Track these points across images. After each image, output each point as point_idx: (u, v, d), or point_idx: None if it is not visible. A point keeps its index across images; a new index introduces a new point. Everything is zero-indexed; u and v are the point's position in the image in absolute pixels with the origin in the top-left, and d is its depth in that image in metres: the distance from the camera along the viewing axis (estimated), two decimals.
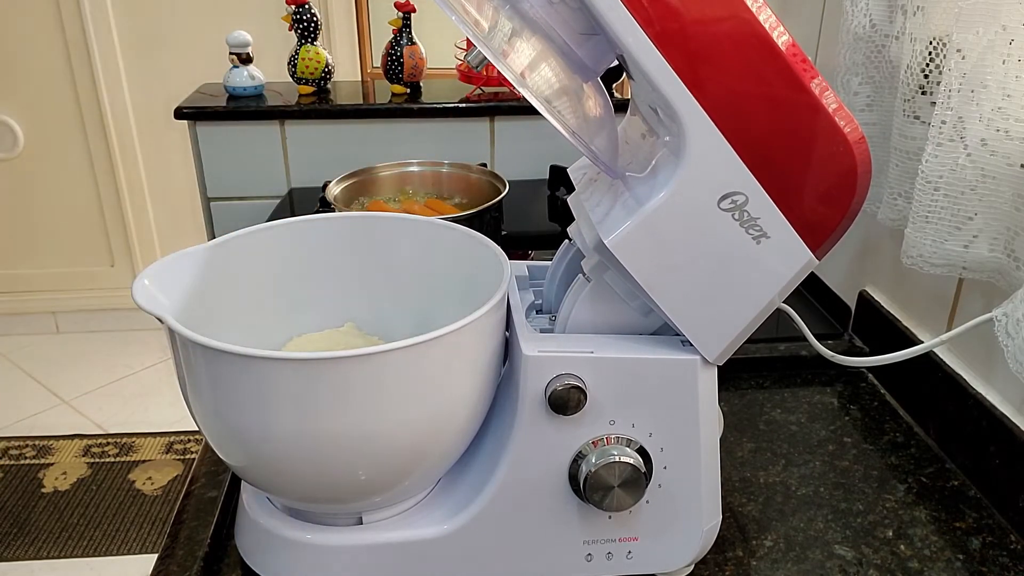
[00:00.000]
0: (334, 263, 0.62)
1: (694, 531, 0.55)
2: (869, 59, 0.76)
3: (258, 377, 0.45)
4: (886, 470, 0.69)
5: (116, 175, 2.46)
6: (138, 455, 2.06)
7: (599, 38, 0.48)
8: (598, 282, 0.52)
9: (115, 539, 1.80)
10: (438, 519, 0.53)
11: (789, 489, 0.66)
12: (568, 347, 0.51)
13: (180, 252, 0.54)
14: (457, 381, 0.49)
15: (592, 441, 0.52)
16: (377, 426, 0.46)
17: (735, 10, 0.43)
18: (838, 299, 0.93)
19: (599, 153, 0.46)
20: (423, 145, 1.43)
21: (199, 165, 1.45)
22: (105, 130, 2.41)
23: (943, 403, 0.72)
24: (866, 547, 0.60)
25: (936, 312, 0.76)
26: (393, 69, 1.45)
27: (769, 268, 0.49)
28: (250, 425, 0.46)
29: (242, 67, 1.44)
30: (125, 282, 2.57)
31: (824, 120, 0.45)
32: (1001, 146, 0.59)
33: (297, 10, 1.41)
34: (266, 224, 0.59)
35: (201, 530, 0.59)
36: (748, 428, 0.74)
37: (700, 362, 0.51)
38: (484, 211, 1.11)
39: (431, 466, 0.52)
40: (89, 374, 2.42)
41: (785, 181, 0.46)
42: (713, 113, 0.44)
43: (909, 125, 0.69)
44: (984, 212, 0.62)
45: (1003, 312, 0.58)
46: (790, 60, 0.43)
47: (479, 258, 0.57)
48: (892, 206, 0.73)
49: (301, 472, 0.48)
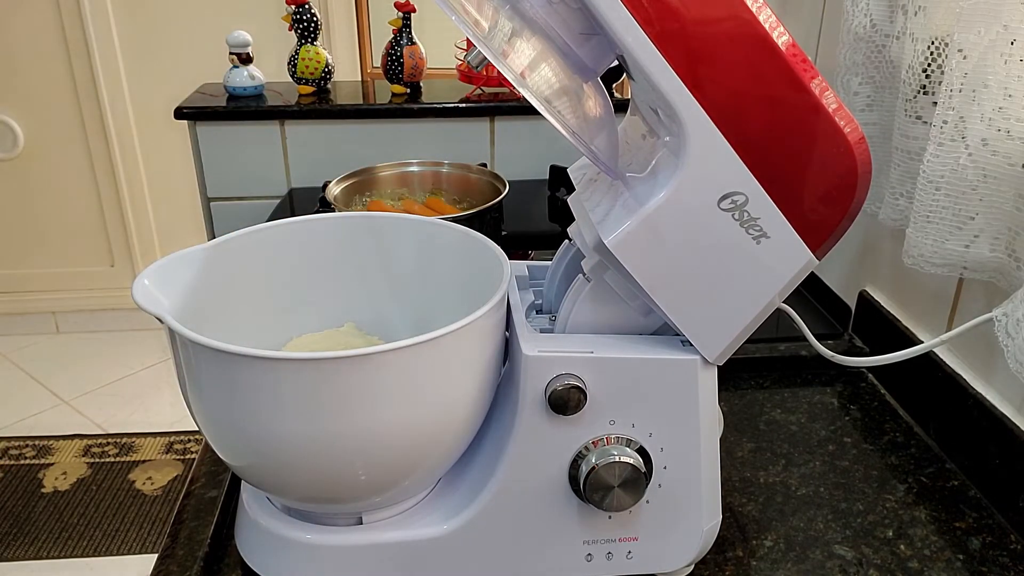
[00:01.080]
0: (334, 263, 0.62)
1: (694, 531, 0.55)
2: (869, 59, 0.76)
3: (258, 377, 0.44)
4: (886, 470, 0.69)
5: (116, 175, 2.46)
6: (138, 455, 2.06)
7: (599, 38, 0.48)
8: (598, 282, 0.52)
9: (115, 539, 1.80)
10: (438, 519, 0.53)
11: (789, 489, 0.66)
12: (568, 347, 0.51)
13: (180, 252, 0.54)
14: (457, 381, 0.49)
15: (592, 441, 0.52)
16: (377, 426, 0.46)
17: (735, 10, 0.42)
18: (838, 299, 0.93)
19: (599, 153, 0.46)
20: (423, 145, 1.43)
21: (199, 165, 1.45)
22: (105, 130, 2.41)
23: (943, 403, 0.72)
24: (866, 547, 0.60)
25: (936, 312, 0.76)
26: (393, 69, 1.45)
27: (769, 268, 0.49)
28: (250, 425, 0.46)
29: (242, 67, 1.44)
30: (125, 282, 2.57)
31: (824, 120, 0.45)
32: (1002, 146, 0.59)
33: (297, 10, 1.41)
34: (266, 224, 0.59)
35: (201, 530, 0.59)
36: (748, 428, 0.74)
37: (700, 362, 0.51)
38: (484, 211, 1.11)
39: (431, 466, 0.52)
40: (89, 374, 2.42)
41: (785, 181, 0.46)
42: (713, 113, 0.44)
43: (910, 125, 0.69)
44: (985, 212, 0.62)
45: (1003, 312, 0.58)
46: (790, 60, 0.43)
47: (479, 258, 0.57)
48: (893, 206, 0.73)
49: (301, 472, 0.48)
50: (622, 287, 0.52)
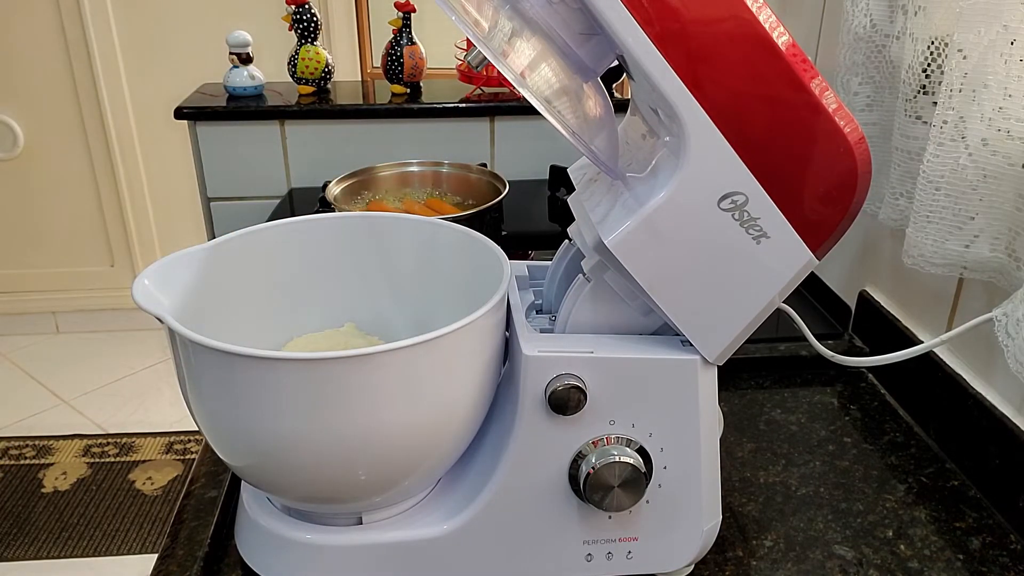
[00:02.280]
0: (334, 263, 0.62)
1: (694, 531, 0.55)
2: (869, 59, 0.76)
3: (258, 377, 0.45)
4: (886, 470, 0.69)
5: (116, 175, 2.46)
6: (138, 455, 2.06)
7: (599, 38, 0.48)
8: (598, 282, 0.52)
9: (115, 539, 1.80)
10: (438, 519, 0.53)
11: (789, 489, 0.66)
12: (568, 347, 0.51)
13: (180, 252, 0.54)
14: (457, 381, 0.49)
15: (592, 441, 0.52)
16: (377, 426, 0.46)
17: (735, 10, 0.43)
18: (838, 299, 0.93)
19: (599, 153, 0.46)
20: (423, 145, 1.43)
21: (199, 165, 1.45)
22: (105, 130, 2.41)
23: (943, 403, 0.72)
24: (866, 547, 0.60)
25: (936, 312, 0.76)
26: (393, 69, 1.45)
27: (769, 268, 0.49)
28: (250, 425, 0.46)
29: (242, 67, 1.44)
30: (125, 282, 2.57)
31: (824, 120, 0.45)
32: (1002, 146, 0.59)
33: (297, 10, 1.41)
34: (266, 224, 0.59)
35: (201, 530, 0.59)
36: (748, 428, 0.74)
37: (700, 362, 0.51)
38: (484, 211, 1.11)
39: (431, 466, 0.52)
40: (89, 374, 2.42)
41: (785, 181, 0.46)
42: (713, 113, 0.44)
43: (910, 125, 0.69)
44: (985, 212, 0.62)
45: (1003, 312, 0.58)
46: (790, 60, 0.43)
47: (479, 258, 0.57)
48: (893, 206, 0.73)
49: (301, 472, 0.48)
50: (622, 287, 0.52)
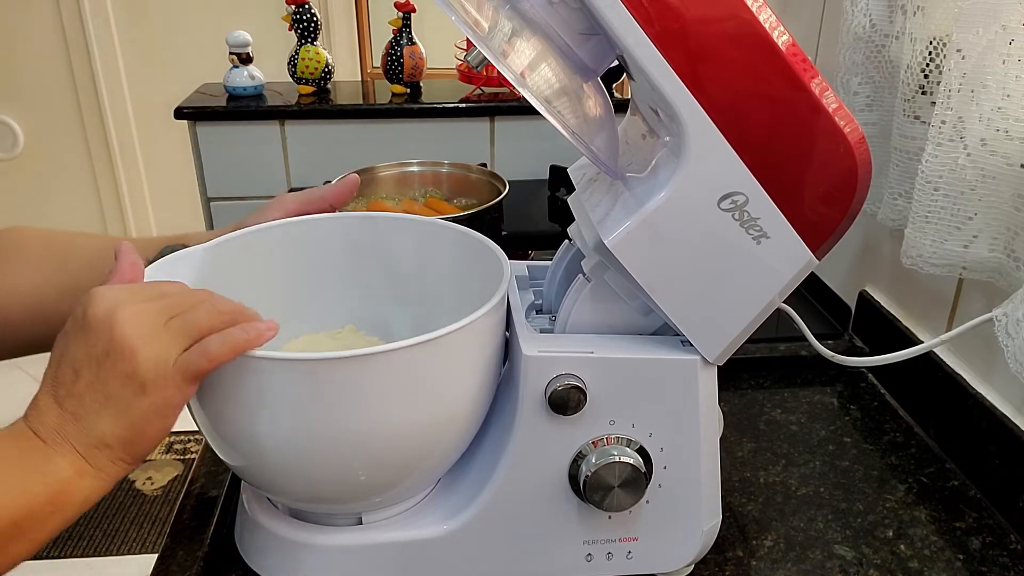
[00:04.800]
0: (334, 263, 0.62)
1: (694, 531, 0.55)
2: (869, 59, 0.76)
3: (258, 378, 0.45)
4: (886, 470, 0.69)
5: (116, 175, 2.46)
6: None
7: (599, 38, 0.48)
8: (598, 282, 0.52)
9: (115, 539, 1.80)
10: (438, 519, 0.53)
11: (789, 489, 0.66)
12: (568, 347, 0.51)
13: (180, 252, 0.54)
14: (457, 381, 0.49)
15: (592, 441, 0.52)
16: (377, 426, 0.46)
17: (735, 10, 0.43)
18: (838, 299, 0.93)
19: (599, 153, 0.46)
20: (423, 145, 1.43)
21: (199, 165, 1.45)
22: (105, 130, 2.41)
23: (943, 403, 0.72)
24: (866, 547, 0.60)
25: (936, 312, 0.76)
26: (393, 69, 1.45)
27: (769, 268, 0.49)
28: (250, 426, 0.46)
29: (242, 67, 1.44)
30: None
31: (824, 120, 0.45)
32: (1001, 146, 0.59)
33: (297, 10, 1.41)
34: (266, 224, 0.59)
35: (201, 530, 0.59)
36: (748, 428, 0.74)
37: (700, 362, 0.51)
38: (484, 211, 1.11)
39: (431, 466, 0.52)
40: None
41: (785, 181, 0.46)
42: (713, 113, 0.44)
43: (909, 125, 0.69)
44: (984, 212, 0.62)
45: (1003, 312, 0.58)
46: (790, 60, 0.43)
47: (479, 258, 0.57)
48: (892, 206, 0.73)
49: (301, 472, 0.48)
50: (622, 287, 0.52)
